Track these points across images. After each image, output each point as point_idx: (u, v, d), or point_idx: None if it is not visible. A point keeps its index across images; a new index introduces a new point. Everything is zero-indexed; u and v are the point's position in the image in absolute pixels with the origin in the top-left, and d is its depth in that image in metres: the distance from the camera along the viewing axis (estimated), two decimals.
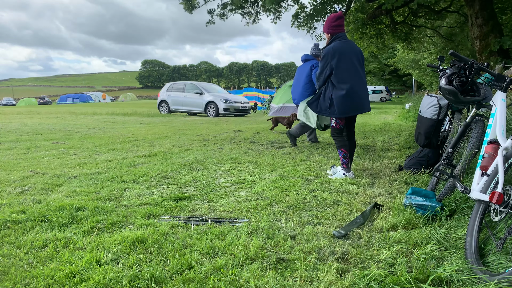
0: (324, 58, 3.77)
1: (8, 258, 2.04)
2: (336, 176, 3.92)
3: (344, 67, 3.72)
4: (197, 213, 2.83)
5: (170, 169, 4.31)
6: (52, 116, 15.85)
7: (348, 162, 3.95)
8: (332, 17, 3.84)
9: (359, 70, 3.82)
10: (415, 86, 37.42)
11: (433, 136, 3.75)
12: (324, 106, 3.85)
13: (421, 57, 23.63)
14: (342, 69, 3.72)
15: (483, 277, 1.76)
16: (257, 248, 2.14)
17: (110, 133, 8.49)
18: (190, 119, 13.92)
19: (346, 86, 3.71)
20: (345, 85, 3.71)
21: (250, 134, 8.24)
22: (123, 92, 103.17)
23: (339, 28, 3.83)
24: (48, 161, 4.91)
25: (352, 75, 3.76)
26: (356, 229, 2.46)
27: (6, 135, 7.88)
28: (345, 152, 3.93)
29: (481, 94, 2.57)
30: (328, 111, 3.83)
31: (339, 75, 3.72)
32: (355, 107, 3.81)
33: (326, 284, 1.78)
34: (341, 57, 3.72)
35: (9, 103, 50.65)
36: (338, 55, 3.71)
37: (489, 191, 2.08)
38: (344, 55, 3.74)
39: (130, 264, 1.96)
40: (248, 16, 14.02)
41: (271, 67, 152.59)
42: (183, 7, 13.26)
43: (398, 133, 8.09)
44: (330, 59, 3.73)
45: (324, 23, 3.90)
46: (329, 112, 3.83)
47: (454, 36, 16.64)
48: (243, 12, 13.84)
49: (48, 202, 2.98)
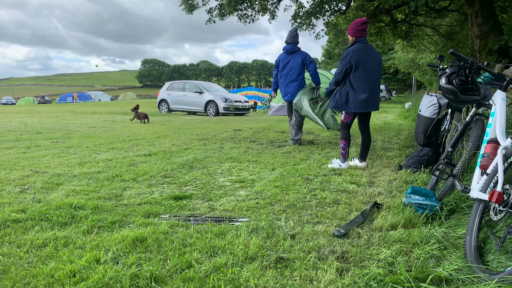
0: (345, 58, 4.18)
1: (8, 257, 2.04)
2: (333, 165, 4.39)
3: (362, 67, 4.12)
4: (197, 212, 2.83)
5: (170, 168, 4.31)
6: (52, 115, 15.84)
7: (346, 153, 4.39)
8: (358, 22, 4.22)
9: (375, 72, 4.23)
10: (415, 85, 37.40)
11: (432, 135, 3.74)
12: (340, 101, 4.27)
13: (420, 58, 23.59)
14: (360, 69, 4.12)
15: (482, 276, 1.76)
16: (257, 247, 2.14)
17: (110, 132, 8.49)
18: (190, 118, 13.91)
19: (361, 85, 4.13)
20: (361, 84, 4.13)
21: (250, 133, 8.24)
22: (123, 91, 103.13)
23: (362, 32, 4.22)
24: (48, 160, 4.91)
25: (368, 75, 4.16)
26: (356, 228, 2.46)
27: (6, 134, 7.88)
28: (345, 144, 4.38)
29: (481, 93, 2.57)
30: (344, 106, 4.25)
31: (356, 74, 4.14)
32: (367, 104, 4.18)
33: (326, 283, 1.78)
34: (360, 59, 4.12)
35: (9, 102, 50.59)
36: (357, 56, 4.11)
37: (488, 190, 2.08)
38: (363, 57, 4.14)
39: (130, 263, 1.96)
40: (245, 17, 14.03)
41: (271, 66, 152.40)
42: (182, 9, 13.25)
43: (398, 132, 8.09)
44: (350, 59, 4.13)
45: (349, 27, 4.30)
46: (345, 108, 4.25)
47: (454, 35, 16.62)
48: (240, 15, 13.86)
49: (48, 201, 2.98)
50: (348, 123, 4.38)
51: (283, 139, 7.03)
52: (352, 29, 4.25)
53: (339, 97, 4.28)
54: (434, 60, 19.56)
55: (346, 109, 4.25)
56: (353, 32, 4.23)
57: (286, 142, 6.70)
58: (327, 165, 4.49)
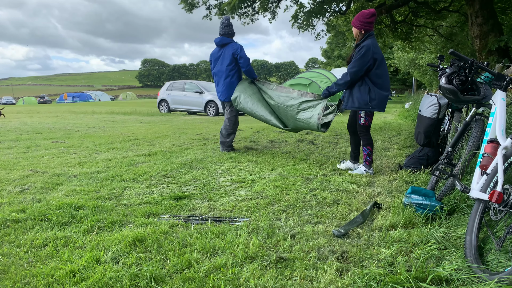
0: (366, 54, 3.71)
1: (8, 257, 2.04)
2: (357, 171, 4.06)
3: (382, 64, 3.83)
4: (197, 212, 2.83)
5: (170, 168, 4.31)
6: (52, 115, 15.84)
7: (371, 160, 4.07)
8: (366, 13, 3.79)
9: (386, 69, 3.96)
10: (415, 85, 37.40)
11: (432, 135, 3.75)
12: (364, 101, 3.85)
13: (420, 58, 23.59)
14: (381, 66, 3.82)
15: (482, 276, 1.76)
16: (257, 247, 2.14)
17: (110, 132, 8.49)
18: (190, 118, 13.91)
19: (384, 82, 3.85)
20: (384, 81, 3.85)
21: (250, 133, 8.24)
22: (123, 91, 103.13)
23: (371, 25, 3.82)
24: (48, 160, 4.91)
25: (387, 72, 3.90)
26: (356, 228, 2.46)
27: (6, 134, 7.88)
28: (371, 150, 4.02)
29: (481, 93, 2.57)
30: (369, 105, 3.85)
31: (378, 71, 3.81)
32: (385, 104, 3.93)
33: (326, 283, 1.78)
34: (379, 55, 3.79)
35: (9, 102, 50.56)
36: (378, 51, 3.78)
37: (488, 190, 2.08)
38: (381, 53, 3.83)
39: (130, 263, 1.96)
40: (244, 16, 14.03)
41: (271, 66, 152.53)
42: (182, 7, 13.25)
43: (398, 132, 8.09)
44: (373, 54, 3.73)
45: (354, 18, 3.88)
46: (371, 106, 3.85)
47: (454, 36, 16.62)
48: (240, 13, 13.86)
49: (48, 201, 2.98)
50: (369, 125, 3.99)
51: (283, 139, 7.03)
52: (359, 21, 3.79)
53: (360, 96, 3.85)
54: (434, 60, 19.57)
55: (371, 108, 3.85)
56: (361, 24, 3.79)
57: (286, 142, 6.70)
58: (348, 171, 4.13)
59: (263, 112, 5.01)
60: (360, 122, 3.99)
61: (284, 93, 4.84)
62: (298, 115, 4.57)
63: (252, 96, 5.09)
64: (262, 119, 5.07)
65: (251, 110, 5.06)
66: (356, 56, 3.75)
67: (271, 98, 4.99)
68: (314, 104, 4.45)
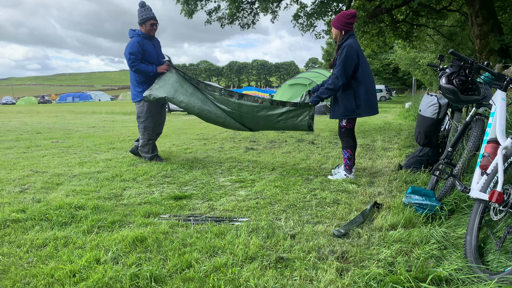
0: (349, 56, 3.53)
1: (8, 257, 2.04)
2: (337, 177, 3.86)
3: (364, 65, 3.65)
4: (197, 212, 2.83)
5: (170, 168, 4.31)
6: (52, 115, 15.84)
7: (352, 164, 3.87)
8: (346, 14, 3.65)
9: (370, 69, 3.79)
10: (415, 85, 37.38)
11: (433, 135, 3.75)
12: (351, 107, 3.65)
13: (421, 58, 23.58)
14: (364, 67, 3.64)
15: (482, 276, 1.76)
16: (257, 247, 2.14)
17: (110, 132, 8.49)
18: (189, 118, 13.90)
19: (370, 85, 3.67)
20: (369, 84, 3.66)
21: (250, 133, 8.23)
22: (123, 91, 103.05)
23: (351, 26, 3.67)
24: (48, 160, 4.91)
25: (369, 73, 3.72)
26: (356, 228, 2.46)
27: (6, 134, 7.88)
28: (351, 154, 3.84)
29: (481, 93, 2.57)
30: (356, 112, 3.66)
31: (360, 73, 3.63)
32: (375, 106, 3.76)
33: (326, 283, 1.78)
34: (361, 55, 3.63)
35: (9, 102, 50.53)
36: (359, 53, 3.61)
37: (488, 190, 2.08)
38: (362, 53, 3.67)
39: (130, 263, 1.96)
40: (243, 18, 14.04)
41: (271, 66, 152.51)
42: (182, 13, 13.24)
43: (398, 132, 8.08)
44: (355, 56, 3.56)
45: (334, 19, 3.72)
46: (358, 113, 3.66)
47: (455, 35, 16.62)
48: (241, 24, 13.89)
49: (48, 201, 2.98)
50: (351, 128, 3.82)
51: (283, 139, 7.03)
52: (339, 22, 3.64)
53: (347, 102, 3.65)
54: (435, 60, 19.56)
55: (358, 115, 3.67)
56: (342, 25, 3.63)
57: (286, 142, 6.70)
58: (328, 176, 3.89)
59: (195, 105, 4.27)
60: (341, 124, 3.82)
61: (247, 102, 4.08)
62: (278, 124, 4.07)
63: (193, 96, 4.33)
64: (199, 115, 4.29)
65: (187, 103, 4.28)
66: (340, 57, 3.57)
67: (223, 104, 4.23)
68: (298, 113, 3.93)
